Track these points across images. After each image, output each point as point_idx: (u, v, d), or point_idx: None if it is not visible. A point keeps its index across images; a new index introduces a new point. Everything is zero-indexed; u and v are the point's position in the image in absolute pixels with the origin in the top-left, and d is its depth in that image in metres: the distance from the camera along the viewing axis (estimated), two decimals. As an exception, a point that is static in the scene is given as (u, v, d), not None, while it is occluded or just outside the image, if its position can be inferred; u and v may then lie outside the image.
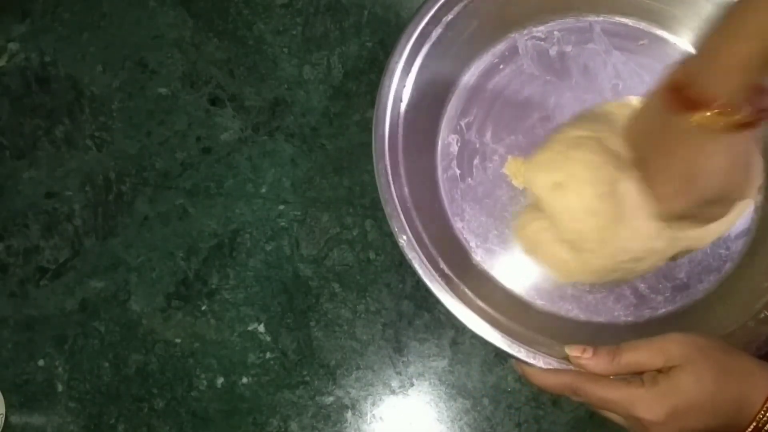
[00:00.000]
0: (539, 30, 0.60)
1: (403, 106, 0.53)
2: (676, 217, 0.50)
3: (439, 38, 0.55)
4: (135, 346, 0.58)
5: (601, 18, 0.60)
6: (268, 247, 0.60)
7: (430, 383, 0.57)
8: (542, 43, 0.60)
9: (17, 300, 0.60)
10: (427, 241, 0.51)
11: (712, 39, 0.44)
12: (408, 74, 0.54)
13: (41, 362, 0.58)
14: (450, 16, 0.55)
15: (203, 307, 0.59)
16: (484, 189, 0.57)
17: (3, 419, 0.57)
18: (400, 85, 0.53)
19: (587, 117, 0.56)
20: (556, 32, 0.60)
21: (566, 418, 0.55)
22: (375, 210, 0.60)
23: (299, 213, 0.61)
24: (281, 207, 0.61)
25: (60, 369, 0.58)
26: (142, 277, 0.60)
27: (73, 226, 0.61)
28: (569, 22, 0.60)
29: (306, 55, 0.64)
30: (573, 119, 0.57)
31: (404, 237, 0.50)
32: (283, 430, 0.56)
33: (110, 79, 0.64)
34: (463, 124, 0.58)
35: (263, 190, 0.61)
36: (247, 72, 0.64)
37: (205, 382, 0.57)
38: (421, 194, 0.53)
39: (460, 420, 0.56)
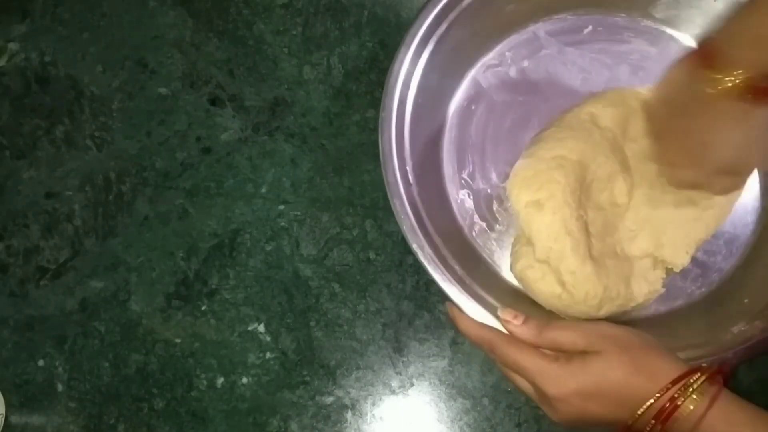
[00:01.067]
0: (491, 57, 0.60)
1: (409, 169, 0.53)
2: (690, 185, 0.51)
3: (415, 106, 0.54)
4: (135, 346, 0.58)
5: (540, 23, 0.60)
6: (268, 247, 0.60)
7: (430, 383, 0.57)
8: (499, 68, 0.60)
9: (17, 300, 0.60)
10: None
11: (743, 14, 0.44)
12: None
13: (41, 362, 0.58)
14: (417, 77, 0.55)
15: (203, 307, 0.59)
16: (514, 227, 0.57)
17: (3, 419, 0.57)
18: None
19: (566, 121, 0.56)
20: (506, 53, 0.60)
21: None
22: (375, 210, 0.60)
23: (299, 213, 0.61)
24: (281, 207, 0.61)
25: (60, 369, 0.58)
26: (142, 277, 0.60)
27: (73, 226, 0.61)
28: (514, 38, 0.60)
29: (306, 55, 0.64)
30: (551, 124, 0.57)
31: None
32: (283, 430, 0.56)
33: (110, 79, 0.64)
34: (465, 176, 0.58)
35: (263, 190, 0.61)
36: (247, 72, 0.64)
37: (205, 382, 0.57)
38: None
39: (460, 420, 0.56)
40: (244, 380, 0.57)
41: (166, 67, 0.65)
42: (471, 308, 0.49)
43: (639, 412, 0.41)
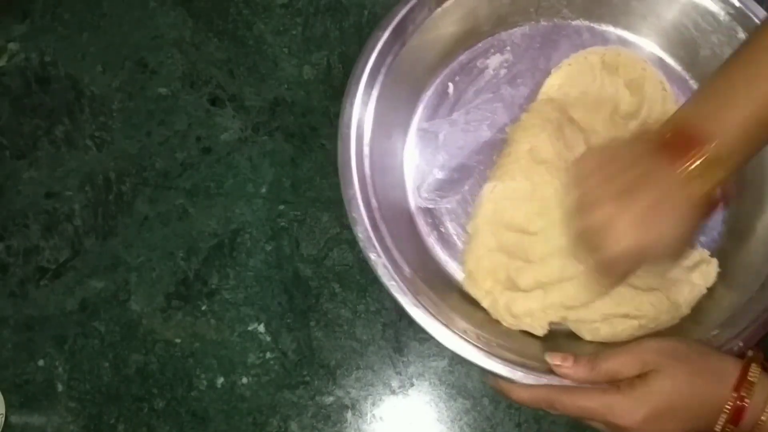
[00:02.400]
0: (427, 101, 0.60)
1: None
2: (610, 270, 0.48)
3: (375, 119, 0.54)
4: (135, 346, 0.58)
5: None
6: (268, 247, 0.60)
7: (430, 383, 0.57)
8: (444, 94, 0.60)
9: (17, 300, 0.60)
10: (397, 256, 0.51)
11: (718, 87, 0.44)
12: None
13: (41, 362, 0.58)
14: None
15: (203, 307, 0.59)
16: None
17: (3, 419, 0.57)
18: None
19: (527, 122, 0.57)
20: (450, 83, 0.60)
21: (566, 418, 0.55)
22: (375, 210, 0.60)
23: (299, 213, 0.61)
24: (281, 207, 0.61)
25: (60, 369, 0.58)
26: (142, 277, 0.60)
27: (73, 226, 0.61)
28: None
29: (306, 55, 0.64)
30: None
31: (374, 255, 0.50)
32: (283, 430, 0.56)
33: (110, 79, 0.65)
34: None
35: (263, 190, 0.61)
36: (247, 72, 0.64)
37: (205, 382, 0.57)
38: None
39: (460, 420, 0.56)
40: (244, 380, 0.57)
41: (166, 67, 0.65)
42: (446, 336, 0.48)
43: (722, 421, 0.41)
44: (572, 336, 0.52)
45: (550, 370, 0.46)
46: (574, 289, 0.51)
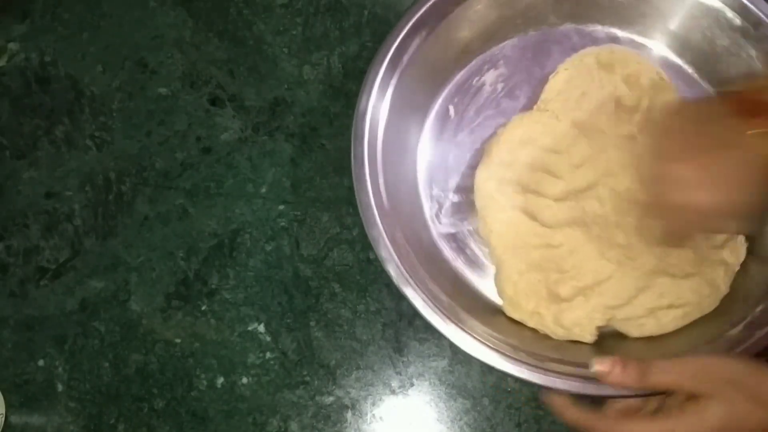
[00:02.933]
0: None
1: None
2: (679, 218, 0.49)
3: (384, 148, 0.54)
4: (135, 346, 0.58)
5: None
6: (268, 247, 0.60)
7: (430, 383, 0.57)
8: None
9: (17, 300, 0.60)
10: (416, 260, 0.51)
11: None
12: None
13: (41, 362, 0.58)
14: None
15: (203, 307, 0.59)
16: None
17: (3, 419, 0.57)
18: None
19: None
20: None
21: (566, 418, 0.55)
22: (375, 210, 0.60)
23: (299, 213, 0.61)
24: (281, 207, 0.61)
25: (60, 369, 0.58)
26: (142, 277, 0.60)
27: (73, 226, 0.61)
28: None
29: (306, 55, 0.64)
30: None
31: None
32: (283, 430, 0.56)
33: (110, 79, 0.64)
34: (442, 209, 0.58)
35: (263, 190, 0.61)
36: (247, 72, 0.64)
37: (205, 382, 0.57)
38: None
39: (460, 420, 0.56)
40: (244, 380, 0.57)
41: (166, 67, 0.65)
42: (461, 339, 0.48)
43: None
44: (619, 336, 0.53)
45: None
46: (613, 288, 0.51)
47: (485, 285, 0.55)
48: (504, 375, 0.48)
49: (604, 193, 0.54)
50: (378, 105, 0.54)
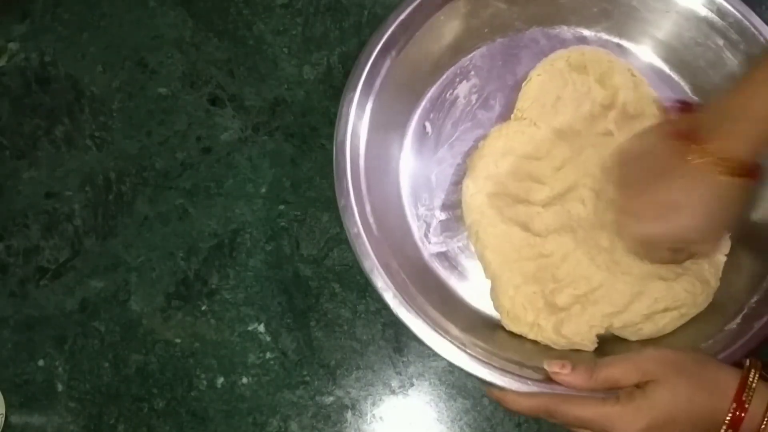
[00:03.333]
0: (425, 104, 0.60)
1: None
2: (647, 243, 0.50)
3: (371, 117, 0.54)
4: (135, 346, 0.58)
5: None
6: (268, 247, 0.60)
7: (430, 383, 0.57)
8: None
9: (17, 300, 0.60)
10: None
11: (727, 103, 0.45)
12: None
13: (41, 362, 0.58)
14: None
15: (203, 307, 0.59)
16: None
17: (3, 419, 0.57)
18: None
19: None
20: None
21: (566, 418, 0.55)
22: (375, 210, 0.60)
23: (299, 213, 0.61)
24: (281, 207, 0.61)
25: (60, 369, 0.58)
26: (142, 277, 0.60)
27: (73, 226, 0.61)
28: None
29: (306, 55, 0.64)
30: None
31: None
32: (283, 430, 0.56)
33: (110, 79, 0.64)
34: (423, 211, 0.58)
35: (263, 190, 0.61)
36: (247, 72, 0.64)
37: (205, 382, 0.57)
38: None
39: (460, 420, 0.56)
40: (244, 380, 0.57)
41: (166, 67, 0.65)
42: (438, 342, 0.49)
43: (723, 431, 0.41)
44: (619, 340, 0.53)
45: (549, 378, 0.46)
46: (608, 296, 0.52)
47: (481, 301, 0.55)
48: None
49: (585, 194, 0.54)
50: (356, 132, 0.53)
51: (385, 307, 0.58)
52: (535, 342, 0.52)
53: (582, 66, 0.58)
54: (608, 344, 0.52)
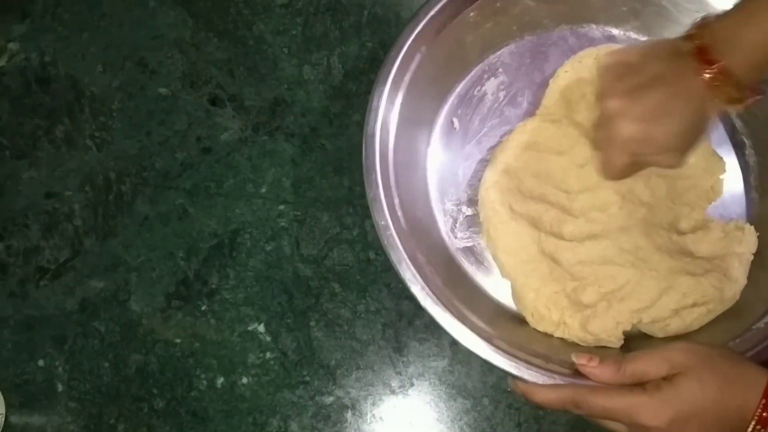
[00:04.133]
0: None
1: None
2: (623, 148, 0.49)
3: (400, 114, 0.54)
4: (135, 346, 0.58)
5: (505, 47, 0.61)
6: (268, 247, 0.60)
7: (430, 383, 0.57)
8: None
9: (17, 300, 0.60)
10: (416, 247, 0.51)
11: (736, 18, 0.45)
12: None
13: (41, 362, 0.58)
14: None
15: (203, 307, 0.59)
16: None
17: (3, 419, 0.57)
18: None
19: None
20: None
21: (566, 418, 0.55)
22: (375, 210, 0.60)
23: (299, 213, 0.61)
24: (281, 207, 0.61)
25: (60, 369, 0.58)
26: (142, 277, 0.60)
27: (73, 226, 0.61)
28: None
29: (306, 55, 0.64)
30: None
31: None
32: (283, 430, 0.56)
33: (110, 79, 0.65)
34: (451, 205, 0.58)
35: (263, 190, 0.61)
36: (247, 72, 0.64)
37: (205, 382, 0.57)
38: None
39: (460, 420, 0.56)
40: (244, 380, 0.57)
41: (166, 67, 0.65)
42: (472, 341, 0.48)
43: (751, 428, 0.40)
44: (645, 337, 0.52)
45: (576, 372, 0.45)
46: (635, 292, 0.51)
47: (506, 296, 0.55)
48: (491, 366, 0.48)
49: (608, 196, 0.54)
50: (386, 126, 0.53)
51: (386, 307, 0.58)
52: (561, 338, 0.52)
53: None
54: (634, 341, 0.52)
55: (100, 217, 0.61)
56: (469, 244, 0.57)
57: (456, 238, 0.57)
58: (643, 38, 0.60)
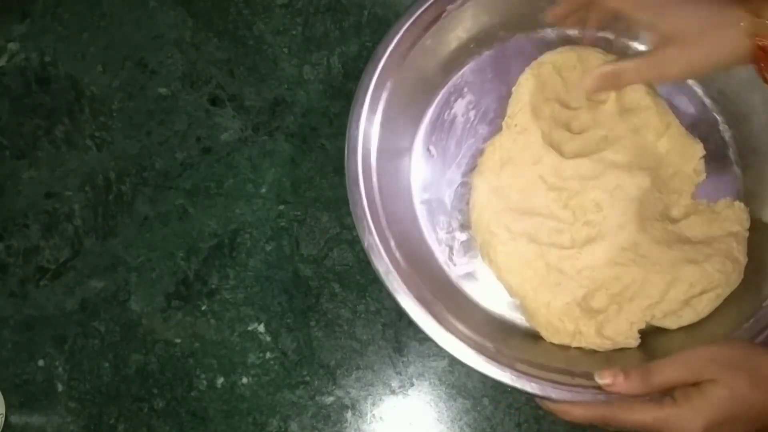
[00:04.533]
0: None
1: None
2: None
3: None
4: (135, 346, 0.58)
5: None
6: (268, 247, 0.60)
7: (430, 383, 0.57)
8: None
9: (17, 300, 0.60)
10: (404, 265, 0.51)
11: None
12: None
13: (41, 362, 0.58)
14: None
15: (203, 307, 0.59)
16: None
17: (3, 419, 0.57)
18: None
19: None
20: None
21: (566, 418, 0.55)
22: (375, 210, 0.60)
23: (299, 213, 0.61)
24: (281, 207, 0.61)
25: (60, 369, 0.58)
26: (142, 277, 0.60)
27: (73, 226, 0.61)
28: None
29: (306, 55, 0.64)
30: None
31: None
32: (283, 430, 0.56)
33: (110, 79, 0.65)
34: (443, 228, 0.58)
35: (263, 190, 0.61)
36: (247, 72, 0.64)
37: (205, 382, 0.57)
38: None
39: (460, 420, 0.56)
40: (244, 380, 0.57)
41: (166, 67, 0.65)
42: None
43: None
44: (659, 331, 0.52)
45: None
46: (643, 289, 0.51)
47: (515, 314, 0.55)
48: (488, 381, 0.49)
49: (598, 196, 0.53)
50: (367, 166, 0.53)
51: (386, 307, 0.58)
52: (579, 347, 0.52)
53: (571, 66, 0.57)
54: (650, 338, 0.52)
55: (100, 217, 0.61)
56: (469, 270, 0.56)
57: (455, 265, 0.56)
58: (603, 35, 0.59)
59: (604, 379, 0.44)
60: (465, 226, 0.57)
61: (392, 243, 0.52)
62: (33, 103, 0.64)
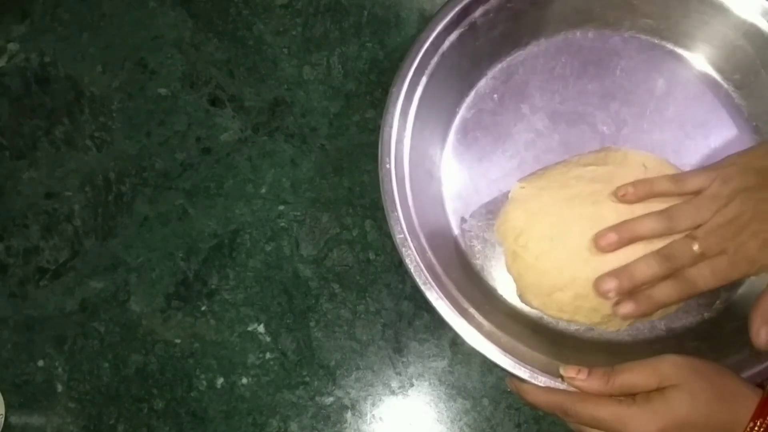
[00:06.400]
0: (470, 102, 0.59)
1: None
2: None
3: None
4: (135, 346, 0.58)
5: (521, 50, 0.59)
6: (268, 248, 0.60)
7: (430, 383, 0.57)
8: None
9: (17, 300, 0.60)
10: (425, 243, 0.51)
11: None
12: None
13: (41, 362, 0.58)
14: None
15: (203, 308, 0.59)
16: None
17: (3, 419, 0.57)
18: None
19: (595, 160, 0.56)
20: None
21: (566, 419, 0.55)
22: (375, 210, 0.60)
23: (299, 213, 0.61)
24: (281, 207, 0.61)
25: (60, 369, 0.58)
26: (142, 277, 0.60)
27: (73, 227, 0.61)
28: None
29: (306, 55, 0.64)
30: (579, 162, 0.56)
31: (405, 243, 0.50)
32: (283, 430, 0.56)
33: (110, 79, 0.65)
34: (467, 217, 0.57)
35: (263, 191, 0.61)
36: (247, 72, 0.64)
37: (204, 383, 0.57)
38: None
39: (460, 420, 0.56)
40: (244, 380, 0.57)
41: (166, 67, 0.65)
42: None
43: None
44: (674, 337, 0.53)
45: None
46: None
47: (518, 302, 0.55)
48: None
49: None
50: (401, 175, 0.52)
51: (385, 307, 0.58)
52: (575, 346, 0.52)
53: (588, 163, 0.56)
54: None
55: (99, 217, 0.61)
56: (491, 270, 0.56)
57: (476, 259, 0.56)
58: (684, 53, 0.58)
59: (568, 373, 0.45)
60: (490, 225, 0.56)
61: (429, 253, 0.51)
62: (33, 104, 0.64)
